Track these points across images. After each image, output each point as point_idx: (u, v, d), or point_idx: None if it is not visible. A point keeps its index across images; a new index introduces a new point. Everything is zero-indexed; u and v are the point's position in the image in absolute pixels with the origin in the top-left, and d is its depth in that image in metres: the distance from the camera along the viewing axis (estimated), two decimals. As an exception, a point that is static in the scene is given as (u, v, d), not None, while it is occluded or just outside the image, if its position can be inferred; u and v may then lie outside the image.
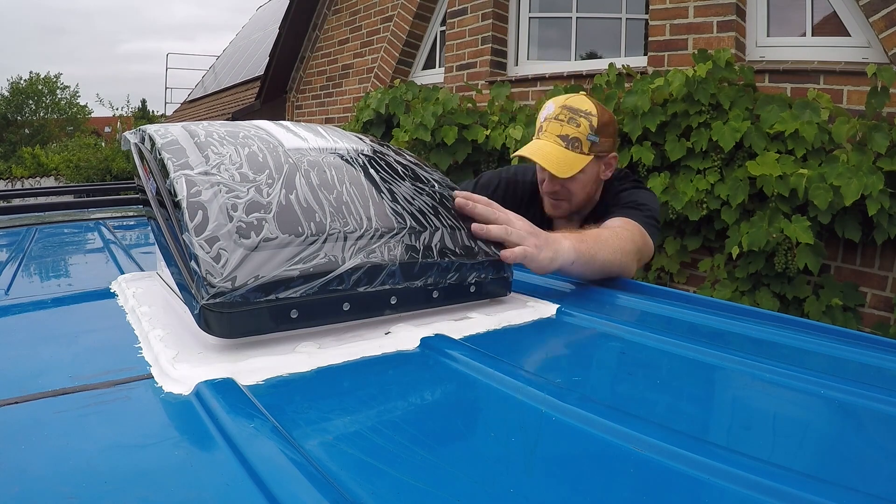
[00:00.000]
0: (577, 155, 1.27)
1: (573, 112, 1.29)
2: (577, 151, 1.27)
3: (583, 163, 1.27)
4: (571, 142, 1.28)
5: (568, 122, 1.28)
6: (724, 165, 2.34)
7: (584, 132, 1.27)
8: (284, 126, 0.82)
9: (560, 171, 1.26)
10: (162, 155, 0.66)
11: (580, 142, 1.28)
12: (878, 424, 0.48)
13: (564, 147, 1.28)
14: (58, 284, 1.00)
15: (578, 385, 0.54)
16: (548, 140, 1.30)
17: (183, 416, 0.44)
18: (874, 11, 2.16)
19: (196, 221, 0.57)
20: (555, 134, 1.29)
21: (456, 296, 0.69)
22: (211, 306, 0.52)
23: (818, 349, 0.65)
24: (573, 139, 1.28)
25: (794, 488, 0.35)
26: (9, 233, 1.42)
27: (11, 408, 0.43)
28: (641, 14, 3.06)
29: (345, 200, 0.66)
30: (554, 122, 1.30)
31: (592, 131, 1.28)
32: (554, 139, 1.29)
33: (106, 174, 10.43)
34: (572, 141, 1.28)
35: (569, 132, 1.28)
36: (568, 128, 1.28)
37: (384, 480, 0.36)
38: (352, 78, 4.93)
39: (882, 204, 1.94)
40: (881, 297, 2.16)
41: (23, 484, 0.34)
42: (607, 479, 0.38)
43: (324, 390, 0.49)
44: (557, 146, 1.28)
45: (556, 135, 1.29)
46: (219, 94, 9.12)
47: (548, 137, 1.30)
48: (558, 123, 1.29)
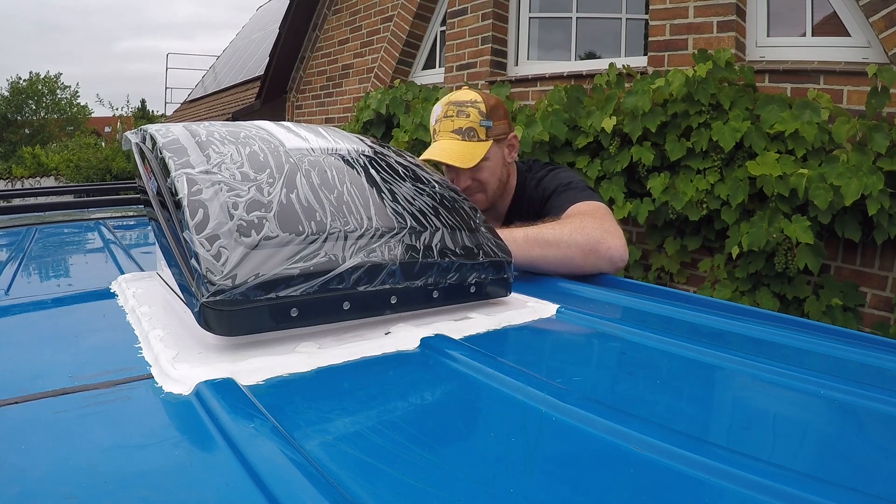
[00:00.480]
0: (476, 143, 1.29)
1: (459, 105, 1.31)
2: (475, 140, 1.29)
3: (483, 149, 1.29)
4: (466, 132, 1.30)
5: (458, 116, 1.30)
6: (724, 165, 2.34)
7: (475, 120, 1.29)
8: (285, 126, 0.82)
9: (464, 161, 1.28)
10: (163, 154, 0.66)
11: (475, 130, 1.30)
12: (878, 424, 0.48)
13: (461, 139, 1.30)
14: (58, 284, 1.00)
15: (578, 385, 0.54)
16: (444, 139, 1.31)
17: (183, 416, 0.44)
18: (874, 11, 2.16)
19: (197, 219, 0.57)
20: (449, 131, 1.31)
21: (456, 296, 0.69)
22: (211, 304, 0.52)
23: (818, 349, 0.65)
24: (467, 130, 1.30)
25: (794, 488, 0.35)
26: (9, 233, 1.42)
27: (11, 408, 0.43)
28: (641, 14, 3.06)
29: (345, 200, 0.66)
30: (444, 120, 1.32)
31: (483, 116, 1.30)
32: (450, 136, 1.31)
33: (106, 174, 10.43)
34: (467, 132, 1.30)
35: (461, 125, 1.30)
36: (459, 121, 1.30)
37: (384, 480, 0.36)
38: (352, 78, 4.93)
39: (882, 204, 1.94)
40: (881, 297, 2.16)
41: (23, 484, 0.34)
42: (607, 479, 0.38)
43: (324, 390, 0.49)
44: (455, 141, 1.30)
45: (450, 131, 1.31)
46: (219, 94, 9.12)
47: (443, 136, 1.32)
48: (449, 121, 1.31)
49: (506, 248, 0.76)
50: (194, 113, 9.48)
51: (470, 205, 0.80)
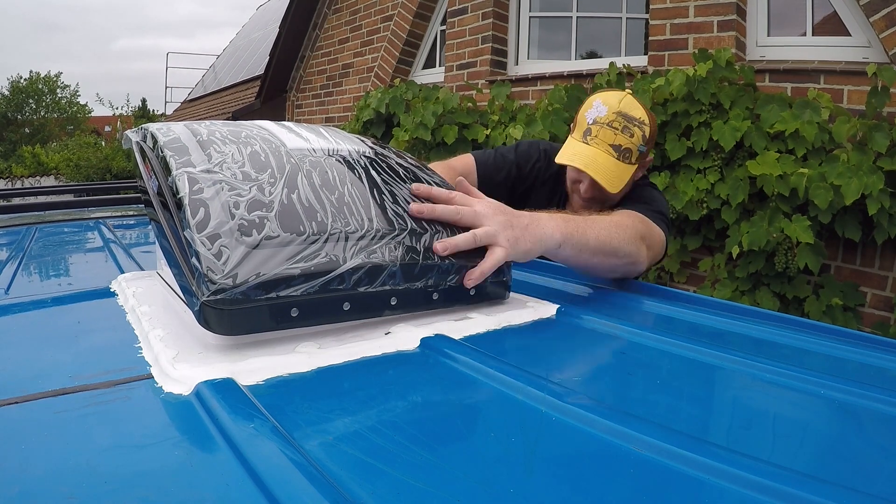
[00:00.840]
0: (627, 166, 1.22)
1: (628, 120, 1.22)
2: (628, 163, 1.22)
3: (630, 172, 1.23)
4: (624, 153, 1.21)
5: (622, 132, 1.21)
6: (724, 165, 2.34)
7: (636, 143, 1.21)
8: (286, 126, 0.82)
9: (612, 186, 1.21)
10: (164, 153, 0.66)
11: (631, 153, 1.22)
12: (878, 424, 0.48)
13: (617, 158, 1.21)
14: (58, 284, 1.00)
15: (578, 385, 0.54)
16: (599, 149, 1.22)
17: (183, 416, 0.44)
18: (874, 11, 2.16)
19: (198, 218, 0.57)
20: (607, 143, 1.22)
21: (456, 298, 0.69)
22: (211, 303, 0.52)
23: (818, 349, 0.65)
24: (625, 150, 1.21)
25: (794, 488, 0.35)
26: (9, 232, 1.42)
27: (11, 408, 0.43)
28: (642, 14, 3.06)
29: (346, 201, 0.66)
30: (607, 128, 1.22)
31: (644, 142, 1.22)
32: (606, 148, 1.21)
33: (106, 173, 10.44)
34: (624, 152, 1.21)
35: (622, 142, 1.21)
36: (622, 137, 1.21)
37: (384, 480, 0.36)
38: (352, 77, 4.93)
39: (882, 203, 1.94)
40: (881, 297, 2.16)
41: (23, 484, 0.34)
42: (607, 479, 0.38)
43: (324, 390, 0.49)
44: (610, 157, 1.21)
45: (608, 143, 1.21)
46: (219, 94, 9.12)
47: (599, 146, 1.22)
48: (612, 131, 1.22)
49: None
50: (194, 112, 9.48)
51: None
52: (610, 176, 1.21)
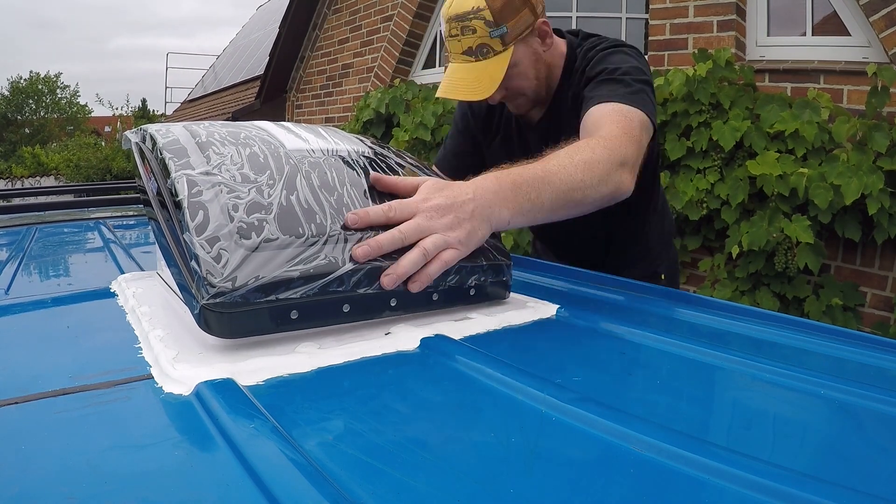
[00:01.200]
0: (494, 59, 1.08)
1: (461, 20, 1.08)
2: (491, 55, 1.08)
3: (503, 63, 1.08)
4: (477, 51, 1.09)
5: (463, 34, 1.08)
6: (724, 165, 2.34)
7: (483, 34, 1.07)
8: (286, 127, 0.82)
9: (482, 91, 1.09)
10: (163, 154, 0.66)
11: (488, 45, 1.08)
12: (878, 424, 0.48)
13: (475, 60, 1.09)
14: (58, 284, 1.00)
15: (578, 385, 0.54)
16: (457, 62, 1.12)
17: (183, 417, 0.44)
18: (874, 11, 2.16)
19: (197, 221, 0.57)
20: (459, 53, 1.11)
21: (455, 299, 0.69)
22: (211, 306, 0.52)
23: (818, 349, 0.65)
24: (479, 48, 1.08)
25: (794, 488, 0.35)
26: (9, 232, 1.42)
27: (11, 408, 0.44)
28: (641, 14, 3.06)
29: (346, 202, 0.66)
30: (451, 41, 1.11)
31: (492, 25, 1.07)
32: (462, 59, 1.11)
33: (106, 174, 10.44)
34: (478, 50, 1.09)
35: (470, 44, 1.09)
36: (467, 40, 1.08)
37: (384, 480, 0.36)
38: (352, 77, 4.93)
39: (882, 203, 1.94)
40: (881, 297, 2.16)
41: (23, 484, 0.34)
42: (607, 479, 0.38)
43: (324, 390, 0.49)
44: (468, 64, 1.10)
45: (461, 53, 1.11)
46: (219, 94, 9.12)
47: (456, 59, 1.12)
48: (456, 41, 1.10)
49: (505, 251, 0.76)
50: (194, 112, 9.48)
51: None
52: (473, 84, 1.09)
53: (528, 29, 1.11)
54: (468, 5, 1.08)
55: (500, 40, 1.08)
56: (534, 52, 1.14)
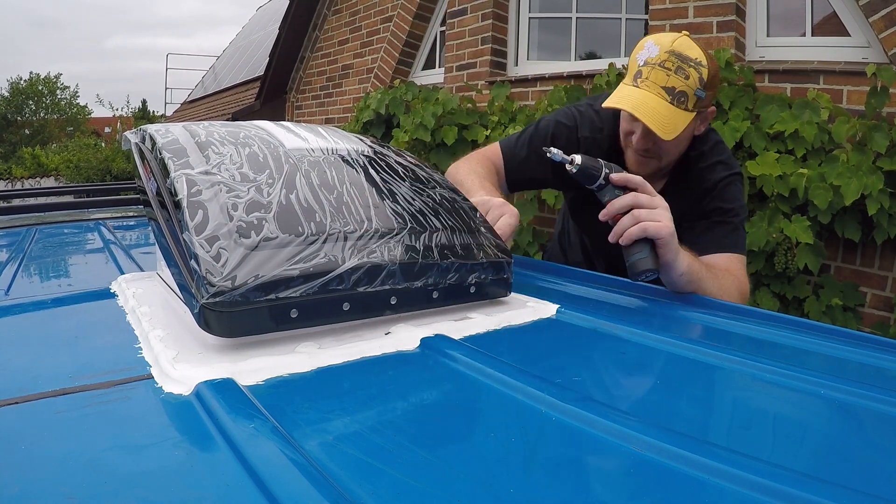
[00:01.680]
0: (682, 112, 1.09)
1: (682, 60, 1.08)
2: (683, 108, 1.09)
3: (686, 121, 1.10)
4: (678, 96, 1.08)
5: (675, 73, 1.08)
6: (724, 165, 2.34)
7: (692, 86, 1.08)
8: (285, 126, 0.82)
9: (665, 132, 1.08)
10: (163, 154, 0.66)
11: (687, 97, 1.08)
12: (878, 424, 0.48)
13: (670, 102, 1.08)
14: (58, 284, 1.00)
15: (578, 385, 0.54)
16: (650, 91, 1.09)
17: (183, 417, 0.44)
18: (874, 11, 2.16)
19: (196, 221, 0.57)
20: (659, 85, 1.09)
21: (456, 296, 0.69)
22: (211, 305, 0.52)
23: (818, 349, 0.66)
24: (680, 93, 1.08)
25: (794, 488, 0.35)
26: (9, 233, 1.42)
27: (11, 408, 0.44)
28: (641, 14, 3.06)
29: (345, 201, 0.66)
30: (658, 69, 1.09)
31: (701, 85, 1.08)
32: (658, 91, 1.09)
33: (106, 174, 10.43)
34: (678, 95, 1.08)
35: (676, 84, 1.08)
36: (675, 79, 1.08)
37: (384, 480, 0.36)
38: (352, 78, 4.93)
39: (882, 203, 1.94)
40: (881, 297, 2.16)
41: (23, 484, 0.34)
42: (607, 479, 0.38)
43: (324, 390, 0.49)
44: (662, 100, 1.08)
45: (660, 86, 1.09)
46: (219, 95, 9.12)
47: (650, 88, 1.09)
48: (664, 72, 1.09)
49: (506, 249, 0.76)
50: (194, 113, 9.48)
51: (470, 205, 0.80)
52: (662, 121, 1.08)
53: (706, 108, 1.16)
54: (694, 53, 1.10)
55: (696, 101, 1.11)
56: (693, 129, 1.17)
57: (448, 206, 0.75)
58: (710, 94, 1.13)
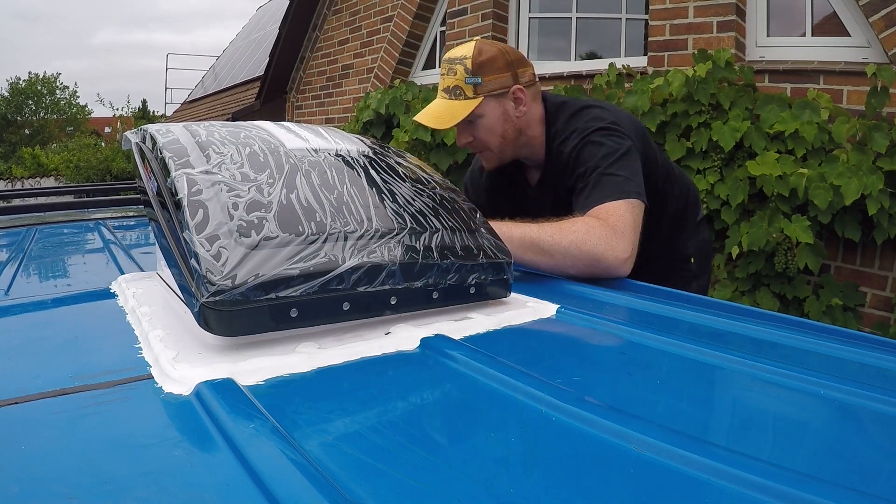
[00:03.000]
0: (462, 101, 1.25)
1: (450, 62, 1.27)
2: (461, 98, 1.25)
3: (468, 107, 1.24)
4: (452, 91, 1.26)
5: (448, 74, 1.27)
6: (723, 165, 2.34)
7: (461, 77, 1.25)
8: (285, 127, 0.82)
9: (440, 122, 1.26)
10: (163, 154, 0.66)
11: (460, 88, 1.25)
12: (878, 424, 0.48)
13: (448, 98, 1.27)
14: (58, 285, 1.00)
15: (578, 385, 0.54)
16: (438, 98, 1.29)
17: (183, 417, 0.44)
18: (874, 11, 2.16)
19: (197, 220, 0.57)
20: (441, 89, 1.29)
21: (456, 297, 0.69)
22: (211, 304, 0.52)
23: (818, 349, 0.65)
24: (453, 88, 1.26)
25: (794, 488, 0.35)
26: (9, 233, 1.42)
27: (11, 408, 0.44)
28: (641, 14, 3.06)
29: (345, 200, 0.66)
30: (440, 78, 1.30)
31: (469, 73, 1.24)
32: (441, 95, 1.29)
33: (106, 174, 10.43)
34: (453, 90, 1.26)
35: (449, 83, 1.27)
36: (448, 79, 1.27)
37: (384, 480, 0.36)
38: (352, 78, 4.93)
39: (882, 203, 1.94)
40: (881, 297, 2.16)
41: (23, 484, 0.34)
42: (607, 479, 0.38)
43: (324, 390, 0.49)
44: (442, 100, 1.28)
45: (441, 90, 1.29)
46: (219, 95, 9.12)
47: (438, 96, 1.30)
48: (442, 78, 1.29)
49: (506, 250, 0.76)
50: (194, 113, 9.48)
51: (470, 205, 0.80)
52: (437, 116, 1.26)
53: (503, 89, 1.26)
54: (459, 53, 1.27)
55: (473, 88, 1.25)
56: (504, 112, 1.28)
57: (448, 206, 0.75)
58: (496, 77, 1.25)
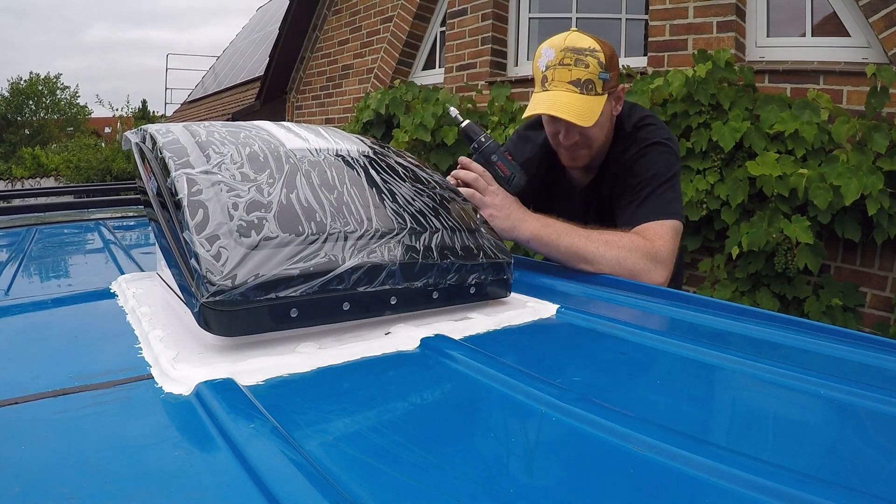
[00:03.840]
0: (595, 97, 1.17)
1: (578, 53, 1.17)
2: (593, 94, 1.17)
3: (601, 104, 1.17)
4: (585, 85, 1.16)
5: (576, 66, 1.16)
6: (723, 165, 2.34)
7: (594, 71, 1.16)
8: (285, 127, 0.82)
9: (584, 119, 1.15)
10: (163, 154, 0.66)
11: (593, 83, 1.16)
12: (878, 424, 0.48)
13: (580, 93, 1.16)
14: (58, 285, 1.00)
15: (578, 385, 0.54)
16: (559, 90, 1.17)
17: (183, 417, 0.44)
18: (874, 11, 2.16)
19: (197, 220, 0.57)
20: (565, 81, 1.17)
21: (456, 297, 0.69)
22: (211, 304, 0.52)
23: (818, 349, 0.65)
24: (586, 82, 1.16)
25: (794, 488, 0.35)
26: (9, 233, 1.42)
27: (11, 408, 0.43)
28: (641, 14, 3.06)
29: (345, 200, 0.66)
30: (559, 69, 1.17)
31: (602, 68, 1.17)
32: (566, 87, 1.17)
33: (106, 174, 10.43)
34: (585, 84, 1.16)
35: (580, 76, 1.16)
36: (577, 71, 1.16)
37: (384, 480, 0.36)
38: (352, 78, 4.93)
39: (882, 204, 1.94)
40: (881, 297, 2.16)
41: (23, 484, 0.34)
42: (607, 479, 0.38)
43: (324, 390, 0.49)
44: (572, 94, 1.16)
45: (566, 82, 1.17)
46: (219, 95, 9.12)
47: (558, 87, 1.18)
48: (565, 69, 1.17)
49: (506, 250, 0.76)
50: (194, 113, 9.48)
51: (470, 205, 0.80)
52: (578, 111, 1.16)
53: (615, 87, 1.23)
54: (586, 43, 1.18)
55: (603, 84, 1.18)
56: (612, 110, 1.25)
57: (448, 206, 0.75)
58: (614, 73, 1.22)
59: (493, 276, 0.72)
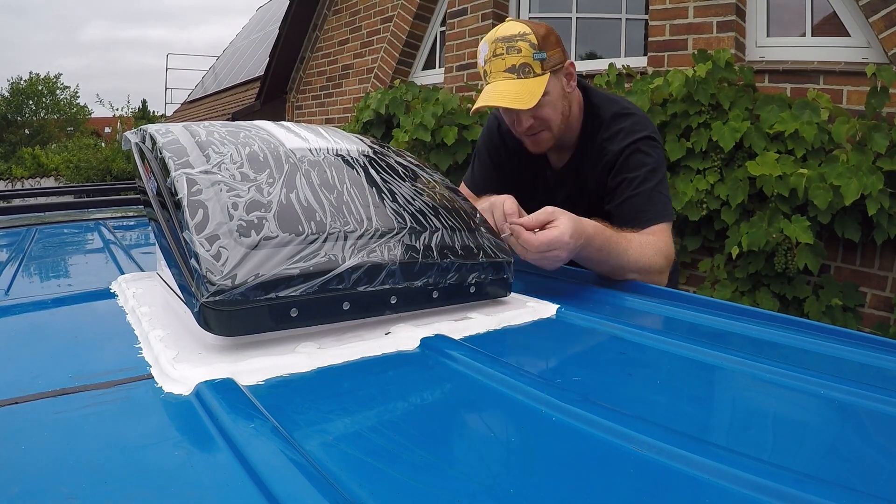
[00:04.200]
0: (533, 79, 1.19)
1: (508, 41, 1.20)
2: (531, 76, 1.19)
3: (542, 84, 1.19)
4: (521, 70, 1.19)
5: (508, 53, 1.19)
6: (723, 165, 2.34)
7: (528, 54, 1.18)
8: (285, 126, 0.82)
9: (524, 102, 1.18)
10: (163, 154, 0.66)
11: (529, 65, 1.19)
12: (878, 424, 0.48)
13: (517, 78, 1.19)
14: (58, 285, 0.99)
15: (578, 385, 0.54)
16: (497, 80, 1.21)
17: (183, 417, 0.44)
18: (874, 11, 2.16)
19: (197, 220, 0.57)
20: (501, 70, 1.20)
21: (456, 296, 0.69)
22: (211, 304, 0.52)
23: (818, 349, 0.65)
24: (521, 66, 1.19)
25: (794, 488, 0.35)
26: (9, 233, 1.42)
27: (11, 408, 0.43)
28: (641, 14, 3.06)
29: (345, 200, 0.66)
30: (494, 60, 1.21)
31: (536, 49, 1.19)
32: (503, 76, 1.20)
33: (106, 174, 10.43)
34: (521, 69, 1.19)
35: (514, 62, 1.19)
36: (511, 58, 1.19)
37: (384, 480, 0.36)
38: (352, 78, 4.93)
39: (882, 204, 1.94)
40: (881, 297, 2.16)
41: (23, 484, 0.34)
42: (607, 479, 0.38)
43: (324, 390, 0.49)
44: (509, 80, 1.19)
45: (502, 71, 1.20)
46: (219, 95, 9.12)
47: (496, 77, 1.21)
48: (500, 59, 1.20)
49: (505, 249, 0.76)
50: (194, 113, 9.48)
51: (470, 205, 0.80)
52: (518, 96, 1.18)
53: (560, 65, 1.24)
54: (515, 29, 1.21)
55: (540, 64, 1.20)
56: (562, 88, 1.26)
57: (448, 206, 0.75)
58: (553, 52, 1.22)
59: (493, 275, 0.72)
